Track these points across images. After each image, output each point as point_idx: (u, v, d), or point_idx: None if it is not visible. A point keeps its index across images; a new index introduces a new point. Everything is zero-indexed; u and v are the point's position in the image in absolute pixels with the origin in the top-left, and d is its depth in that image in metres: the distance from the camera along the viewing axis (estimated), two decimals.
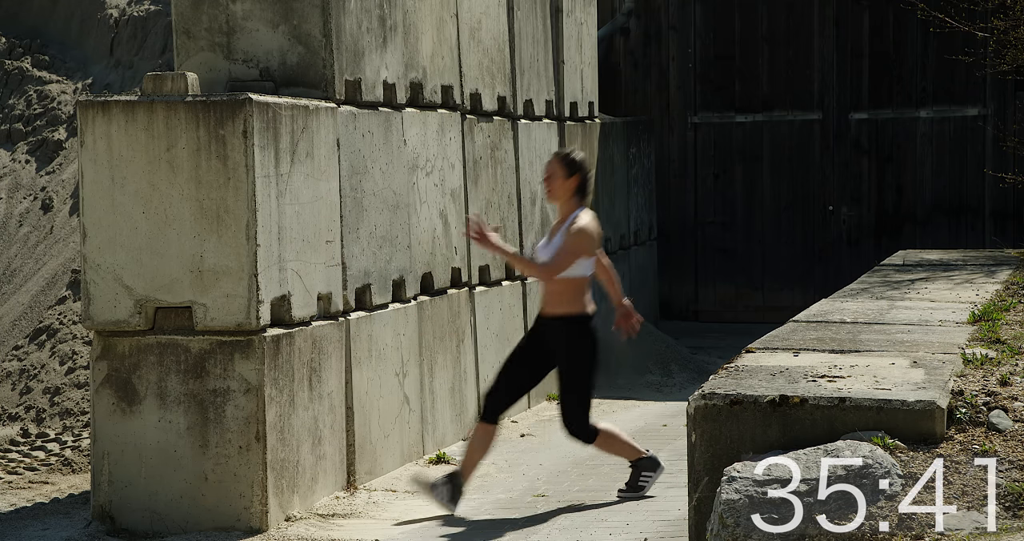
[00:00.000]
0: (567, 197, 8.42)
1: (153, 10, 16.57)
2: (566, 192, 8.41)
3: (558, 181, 8.40)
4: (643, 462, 8.63)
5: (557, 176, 8.41)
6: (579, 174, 8.40)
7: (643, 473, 8.62)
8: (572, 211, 8.41)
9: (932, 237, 15.93)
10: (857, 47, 16.36)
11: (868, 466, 5.45)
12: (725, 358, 12.61)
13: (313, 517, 8.24)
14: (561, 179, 8.40)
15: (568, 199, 8.42)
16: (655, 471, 8.64)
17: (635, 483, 8.61)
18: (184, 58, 8.91)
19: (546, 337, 8.45)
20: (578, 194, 8.42)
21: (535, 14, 12.38)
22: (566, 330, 8.35)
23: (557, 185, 8.41)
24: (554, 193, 8.45)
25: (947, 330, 7.66)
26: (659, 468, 8.66)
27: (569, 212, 8.42)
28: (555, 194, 8.45)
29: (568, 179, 8.39)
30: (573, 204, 8.42)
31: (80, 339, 13.27)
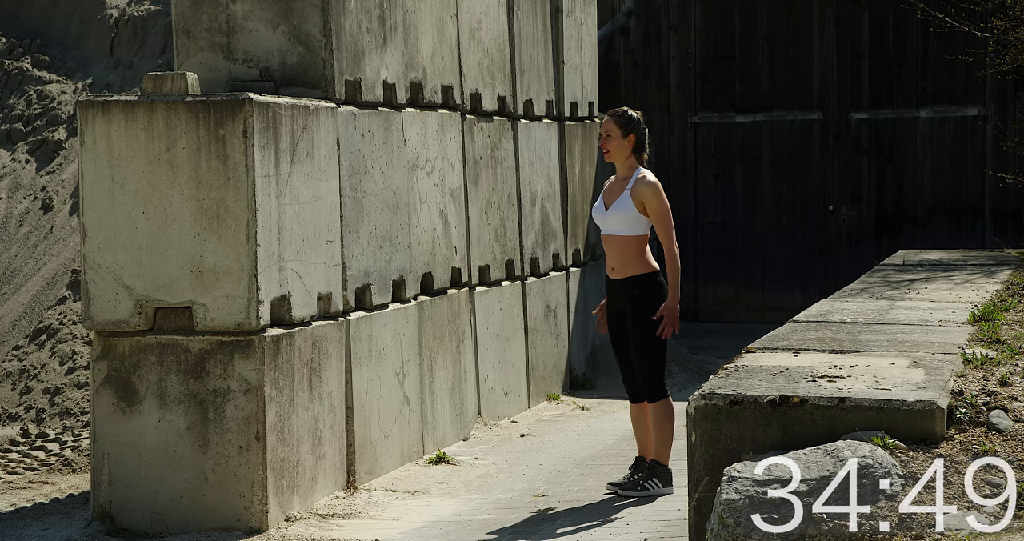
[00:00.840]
0: (625, 156, 8.51)
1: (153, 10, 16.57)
2: (624, 150, 8.49)
3: (616, 141, 8.49)
4: (658, 469, 8.56)
5: (614, 135, 8.49)
6: (635, 132, 8.49)
7: (654, 478, 8.54)
8: (632, 169, 8.51)
9: (932, 237, 15.93)
10: (857, 47, 16.36)
11: (868, 466, 5.45)
12: (725, 358, 12.60)
13: (313, 517, 8.25)
14: (618, 138, 8.48)
15: (627, 157, 8.51)
16: (661, 483, 8.53)
17: (638, 482, 8.53)
18: (184, 58, 8.91)
19: (616, 299, 8.54)
20: (636, 152, 8.51)
21: (535, 14, 12.38)
22: (636, 291, 8.45)
23: (615, 145, 8.49)
24: (613, 153, 8.52)
25: (947, 330, 7.66)
26: (670, 486, 8.53)
27: (630, 170, 8.51)
28: (613, 153, 8.52)
29: (625, 137, 8.48)
30: (633, 162, 8.52)
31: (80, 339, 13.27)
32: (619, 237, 8.48)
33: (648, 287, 8.47)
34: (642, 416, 8.60)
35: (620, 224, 8.47)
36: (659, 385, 8.47)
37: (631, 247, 8.48)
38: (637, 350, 8.47)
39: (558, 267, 12.84)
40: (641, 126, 8.54)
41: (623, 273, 8.51)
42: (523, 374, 11.86)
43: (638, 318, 8.46)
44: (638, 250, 8.49)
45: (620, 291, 8.53)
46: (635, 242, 8.48)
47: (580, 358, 13.24)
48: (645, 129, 8.58)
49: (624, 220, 8.46)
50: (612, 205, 8.51)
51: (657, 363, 8.47)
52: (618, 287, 8.54)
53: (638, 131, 8.51)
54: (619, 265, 8.52)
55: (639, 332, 8.46)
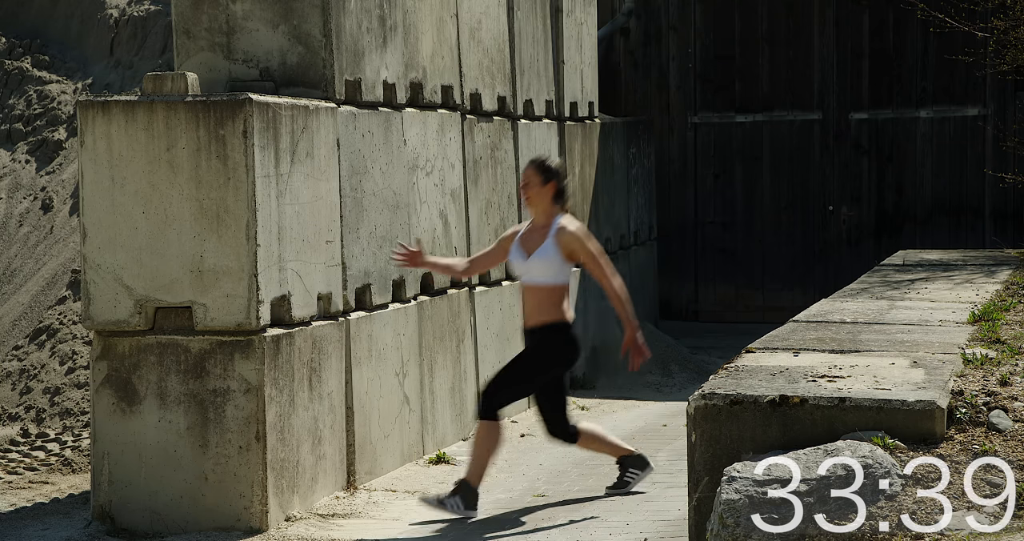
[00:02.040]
0: (545, 204, 8.38)
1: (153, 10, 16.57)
2: (544, 199, 8.38)
3: (535, 188, 8.37)
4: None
5: (533, 183, 8.37)
6: (555, 180, 8.37)
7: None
8: (553, 217, 8.37)
9: (932, 237, 15.93)
10: (857, 47, 16.36)
11: (868, 466, 5.45)
12: (725, 358, 12.60)
13: (313, 517, 8.24)
14: (538, 186, 8.36)
15: (547, 206, 8.38)
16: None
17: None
18: (184, 58, 8.91)
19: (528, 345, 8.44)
20: (556, 200, 8.39)
21: (535, 14, 12.38)
22: (543, 334, 8.32)
23: (534, 192, 8.37)
24: (531, 200, 8.38)
25: (947, 330, 7.66)
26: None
27: (550, 218, 8.38)
28: (532, 201, 8.39)
29: (545, 186, 8.36)
30: (553, 210, 8.39)
31: (80, 339, 13.27)
32: (539, 287, 8.30)
33: (556, 333, 8.32)
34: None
35: (542, 272, 8.29)
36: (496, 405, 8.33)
37: (551, 296, 8.30)
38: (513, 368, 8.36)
39: None
40: (562, 175, 8.41)
41: (537, 321, 8.34)
42: None
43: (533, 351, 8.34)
44: (557, 299, 8.31)
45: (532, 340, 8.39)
46: (556, 292, 8.31)
47: (580, 358, 13.23)
48: (566, 178, 8.45)
49: (547, 267, 8.29)
50: (534, 252, 8.31)
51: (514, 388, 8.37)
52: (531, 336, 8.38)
53: (558, 179, 8.37)
54: (535, 314, 8.34)
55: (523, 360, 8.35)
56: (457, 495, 8.27)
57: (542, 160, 8.47)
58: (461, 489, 8.29)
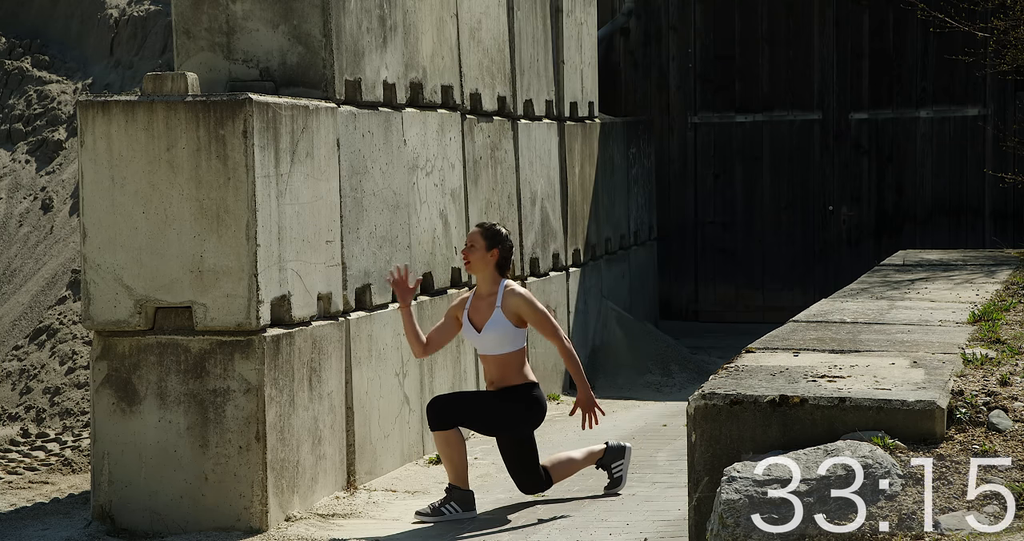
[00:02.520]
0: (488, 270, 8.30)
1: (153, 10, 16.58)
2: (487, 265, 8.29)
3: (479, 253, 8.27)
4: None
5: (478, 248, 8.28)
6: (500, 247, 8.27)
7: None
8: (496, 283, 8.31)
9: (932, 237, 15.93)
10: (857, 47, 16.36)
11: (868, 466, 5.45)
12: (725, 358, 12.60)
13: (313, 517, 8.24)
14: (482, 251, 8.27)
15: (490, 273, 8.30)
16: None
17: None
18: (184, 58, 8.91)
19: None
20: (499, 267, 8.30)
21: (535, 14, 12.38)
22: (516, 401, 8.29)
23: (477, 257, 8.27)
24: (474, 266, 8.28)
25: (947, 330, 7.66)
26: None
27: (493, 285, 8.31)
28: (475, 266, 8.29)
29: (488, 251, 8.27)
30: (496, 277, 8.32)
31: (80, 339, 13.27)
32: (498, 356, 8.27)
33: (521, 396, 8.29)
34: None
35: (497, 344, 8.24)
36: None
37: (511, 363, 8.28)
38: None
39: (558, 267, 12.84)
40: (507, 242, 8.30)
41: (501, 386, 8.32)
42: None
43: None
44: (518, 365, 8.29)
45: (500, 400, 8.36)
46: (514, 357, 8.27)
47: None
48: (511, 245, 8.34)
49: (501, 338, 8.24)
50: (485, 325, 8.26)
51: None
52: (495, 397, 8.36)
53: (503, 247, 8.27)
54: (498, 380, 8.31)
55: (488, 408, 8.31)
56: (451, 500, 8.26)
57: (489, 225, 8.36)
58: (453, 493, 8.27)
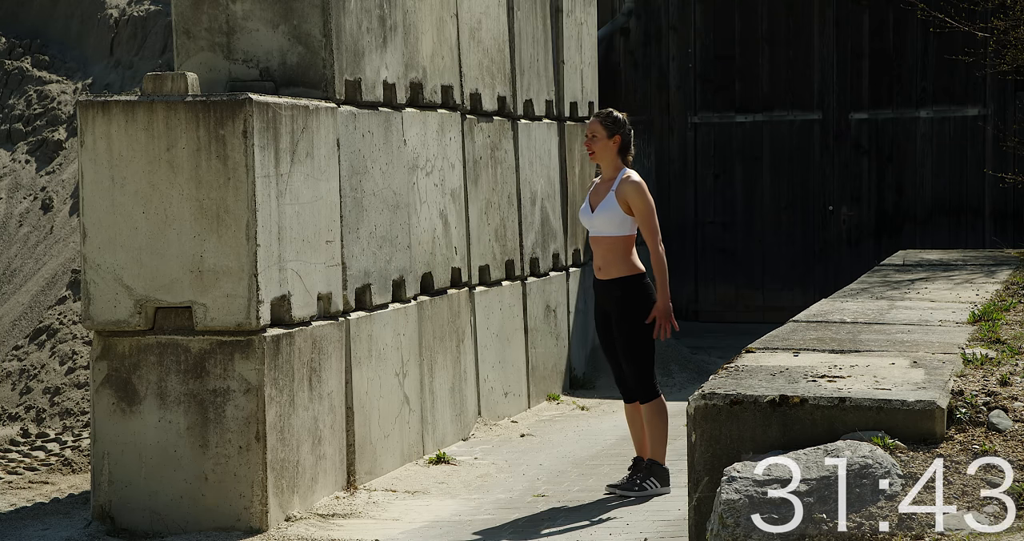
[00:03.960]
0: (611, 156, 8.53)
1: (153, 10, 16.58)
2: (609, 151, 8.52)
3: (601, 142, 8.52)
4: (654, 468, 8.56)
5: (600, 137, 8.52)
6: (620, 133, 8.53)
7: (649, 479, 8.54)
8: (618, 169, 8.54)
9: (932, 237, 15.93)
10: (857, 47, 16.36)
11: (868, 466, 5.45)
12: (725, 358, 12.60)
13: (313, 517, 8.25)
14: (603, 139, 8.51)
15: (612, 159, 8.54)
16: (660, 483, 8.53)
17: (632, 483, 8.53)
18: (184, 58, 8.91)
19: (602, 299, 8.58)
20: (621, 153, 8.54)
21: (535, 14, 12.38)
22: (620, 292, 8.47)
23: (600, 146, 8.53)
24: (598, 154, 8.55)
25: (947, 330, 7.66)
26: (667, 486, 8.54)
27: (615, 171, 8.54)
28: (599, 155, 8.55)
29: (610, 138, 8.51)
30: (618, 164, 8.55)
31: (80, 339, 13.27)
32: (606, 238, 8.50)
33: (632, 289, 8.48)
34: (637, 416, 8.61)
35: (606, 224, 8.48)
36: (650, 386, 8.49)
37: (617, 248, 8.49)
38: (625, 352, 8.49)
39: (558, 267, 12.84)
40: (627, 127, 8.57)
41: (608, 274, 8.52)
42: (523, 374, 11.86)
43: (623, 320, 8.47)
44: (624, 251, 8.50)
45: (606, 292, 8.56)
46: (621, 243, 8.49)
47: (580, 358, 13.24)
48: (631, 130, 8.61)
49: (610, 220, 8.47)
50: (598, 206, 8.53)
51: (646, 364, 8.48)
52: (604, 288, 8.57)
53: (624, 132, 8.54)
54: (605, 265, 8.53)
55: (625, 334, 8.48)
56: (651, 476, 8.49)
57: (608, 112, 8.61)
58: (653, 470, 8.50)
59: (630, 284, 8.48)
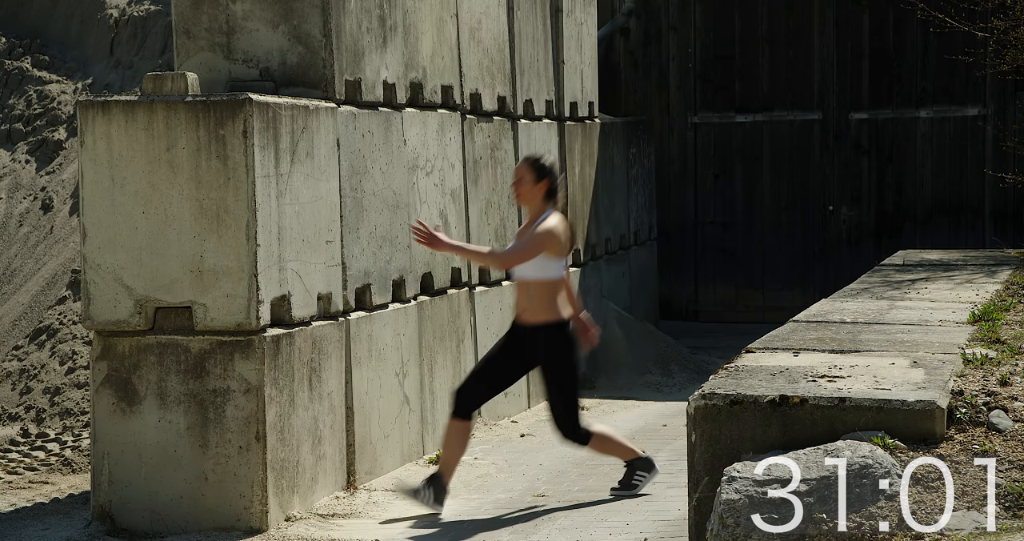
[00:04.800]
0: (536, 202, 8.43)
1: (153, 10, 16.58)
2: (535, 196, 8.42)
3: (527, 186, 8.41)
4: (638, 462, 8.70)
5: (526, 181, 8.41)
6: (548, 178, 8.41)
7: (637, 472, 8.69)
8: (542, 212, 8.42)
9: (932, 237, 15.93)
10: (857, 47, 16.36)
11: (868, 466, 5.45)
12: (725, 358, 12.60)
13: (313, 517, 8.25)
14: (530, 184, 8.40)
15: (538, 203, 8.43)
16: (649, 472, 8.70)
17: (628, 481, 8.68)
18: (184, 58, 8.91)
19: (524, 345, 8.44)
20: (547, 198, 8.42)
21: (535, 14, 12.38)
22: (545, 338, 8.36)
23: (526, 190, 8.42)
24: (523, 197, 8.44)
25: (947, 330, 7.66)
26: (654, 470, 8.72)
27: (538, 215, 8.42)
28: (524, 198, 8.44)
29: (537, 184, 8.39)
30: (543, 207, 8.42)
31: (80, 339, 13.27)
32: (529, 281, 8.36)
33: (556, 336, 8.36)
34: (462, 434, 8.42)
35: (528, 267, 8.34)
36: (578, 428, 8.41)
37: (541, 292, 8.34)
38: (554, 394, 8.39)
39: None
40: (554, 173, 8.44)
41: (532, 318, 8.38)
42: None
43: (550, 368, 8.38)
44: (549, 296, 8.35)
45: (527, 337, 8.41)
46: (545, 287, 8.34)
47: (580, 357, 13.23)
48: (558, 176, 8.47)
49: (532, 263, 8.33)
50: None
51: (575, 408, 8.40)
52: (526, 333, 8.42)
53: (551, 177, 8.41)
54: (531, 310, 8.39)
55: (554, 380, 8.38)
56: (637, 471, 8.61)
57: (536, 158, 8.52)
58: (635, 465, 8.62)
59: (554, 330, 8.36)
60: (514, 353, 8.50)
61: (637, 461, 8.70)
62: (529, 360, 8.50)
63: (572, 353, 8.42)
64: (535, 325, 8.39)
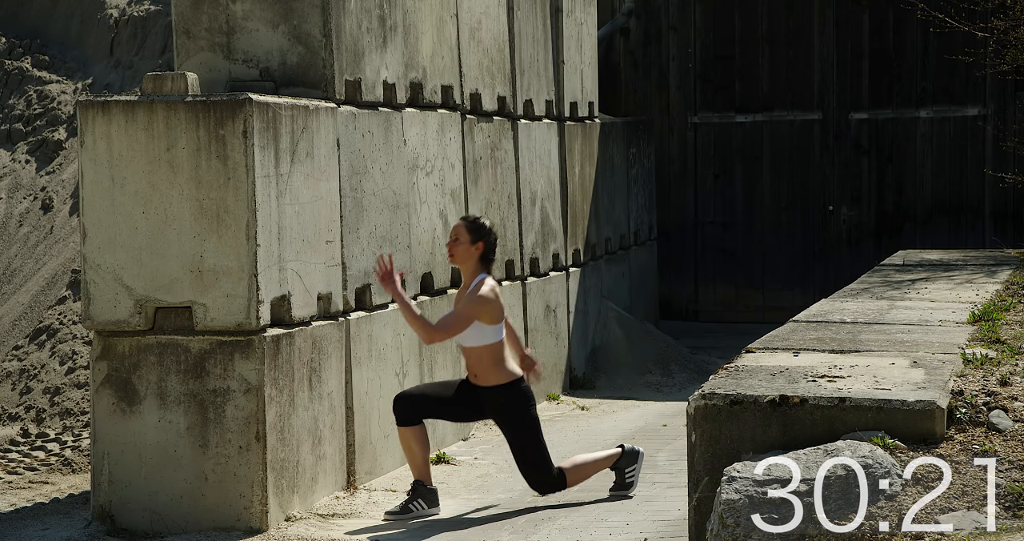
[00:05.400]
0: (472, 263, 8.32)
1: (153, 10, 16.58)
2: (470, 258, 8.31)
3: (463, 246, 8.30)
4: (621, 461, 8.65)
5: (463, 241, 8.30)
6: (484, 241, 8.30)
7: (625, 471, 8.65)
8: (475, 275, 8.32)
9: (932, 237, 15.93)
10: (857, 47, 16.36)
11: (868, 466, 5.45)
12: (725, 358, 12.60)
13: (313, 517, 8.25)
14: (466, 244, 8.29)
15: (473, 265, 8.33)
16: (636, 462, 8.64)
17: (623, 481, 8.66)
18: (184, 58, 8.91)
19: (480, 401, 8.38)
20: (483, 260, 8.33)
21: (535, 14, 12.38)
22: (502, 399, 8.31)
23: (462, 250, 8.30)
24: (458, 258, 8.32)
25: (947, 330, 7.66)
26: (638, 456, 8.64)
27: (472, 278, 8.32)
28: (458, 259, 8.32)
29: (473, 244, 8.29)
30: (477, 270, 8.33)
31: (80, 339, 13.27)
32: (473, 348, 8.30)
33: (512, 396, 8.30)
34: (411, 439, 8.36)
35: (469, 335, 8.27)
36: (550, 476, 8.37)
37: (486, 356, 8.28)
38: (520, 454, 8.34)
39: (558, 267, 12.84)
40: (492, 235, 8.34)
41: (485, 382, 8.33)
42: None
43: (510, 427, 8.33)
44: (495, 358, 8.29)
45: (485, 398, 8.35)
46: (489, 351, 8.28)
47: (580, 358, 13.25)
48: (495, 238, 8.37)
49: (471, 331, 8.26)
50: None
51: (542, 458, 8.35)
52: (482, 394, 8.35)
53: (488, 240, 8.31)
54: (481, 374, 8.33)
55: (517, 439, 8.34)
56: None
57: (473, 218, 8.39)
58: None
59: (509, 391, 8.31)
60: (468, 404, 8.43)
61: (620, 461, 8.65)
62: (484, 414, 8.46)
63: (529, 409, 8.34)
64: (488, 387, 8.33)
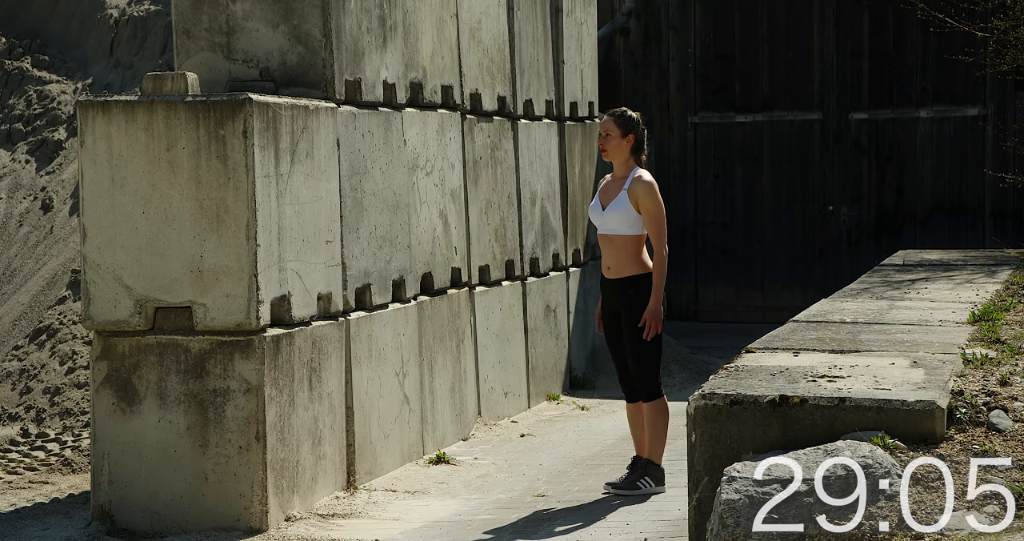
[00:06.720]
0: (624, 155, 8.56)
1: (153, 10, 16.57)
2: (623, 151, 8.55)
3: (615, 140, 8.55)
4: (651, 468, 8.59)
5: (613, 135, 8.55)
6: (634, 133, 8.56)
7: (645, 477, 8.57)
8: (630, 168, 8.57)
9: (932, 237, 15.93)
10: (857, 47, 16.36)
11: (868, 466, 5.45)
12: (725, 358, 12.60)
13: (313, 517, 8.25)
14: (617, 138, 8.55)
15: (625, 158, 8.57)
16: (657, 484, 8.58)
17: (632, 482, 8.58)
18: (184, 58, 8.91)
19: (611, 298, 8.57)
20: (635, 152, 8.57)
21: (535, 14, 12.38)
22: (630, 291, 8.49)
23: (613, 144, 8.56)
24: (611, 152, 8.58)
25: (947, 330, 7.66)
26: (661, 484, 8.59)
27: (627, 169, 8.57)
28: (612, 153, 8.58)
29: (624, 138, 8.55)
30: (631, 163, 8.58)
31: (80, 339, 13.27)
32: (616, 236, 8.51)
33: (643, 288, 8.50)
34: (638, 416, 8.63)
35: (617, 223, 8.50)
36: (654, 385, 8.50)
37: (628, 247, 8.51)
38: (632, 351, 8.49)
39: (558, 267, 12.84)
40: (640, 126, 8.61)
41: (619, 273, 8.53)
42: (523, 374, 11.86)
43: (633, 319, 8.48)
44: (635, 250, 8.52)
45: (615, 291, 8.55)
46: (632, 242, 8.51)
47: (580, 358, 13.24)
48: (644, 129, 8.64)
49: (622, 219, 8.48)
50: (609, 204, 8.54)
51: (653, 363, 8.49)
52: (613, 287, 8.56)
53: (637, 131, 8.57)
54: (615, 265, 8.54)
55: (634, 333, 8.48)
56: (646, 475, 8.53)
57: (623, 111, 8.64)
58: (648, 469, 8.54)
59: (641, 283, 8.50)
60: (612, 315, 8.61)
61: (652, 466, 8.59)
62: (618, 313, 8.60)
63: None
64: (620, 278, 8.52)
